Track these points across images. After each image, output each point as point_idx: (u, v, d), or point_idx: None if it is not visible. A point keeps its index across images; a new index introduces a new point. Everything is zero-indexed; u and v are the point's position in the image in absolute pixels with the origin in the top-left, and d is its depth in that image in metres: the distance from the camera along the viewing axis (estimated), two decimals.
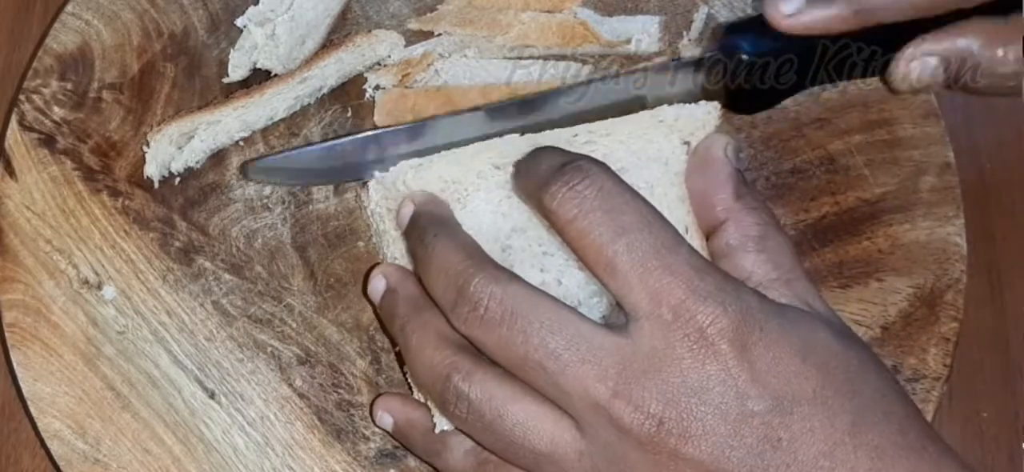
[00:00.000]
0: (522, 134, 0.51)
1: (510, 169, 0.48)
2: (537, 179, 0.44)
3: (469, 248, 0.45)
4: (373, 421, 0.50)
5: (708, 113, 0.49)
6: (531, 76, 0.57)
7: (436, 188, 0.49)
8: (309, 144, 0.56)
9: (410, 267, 0.49)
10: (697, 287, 0.41)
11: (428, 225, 0.47)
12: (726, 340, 0.41)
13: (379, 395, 0.51)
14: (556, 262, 0.47)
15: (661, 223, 0.43)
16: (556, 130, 0.51)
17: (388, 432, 0.51)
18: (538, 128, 0.51)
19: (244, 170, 0.55)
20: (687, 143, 0.49)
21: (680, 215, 0.48)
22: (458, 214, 0.48)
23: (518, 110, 0.53)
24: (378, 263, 0.51)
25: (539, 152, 0.46)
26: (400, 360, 0.51)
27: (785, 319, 0.42)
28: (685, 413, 0.41)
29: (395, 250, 0.50)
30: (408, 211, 0.49)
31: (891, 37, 0.52)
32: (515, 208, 0.48)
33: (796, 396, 0.41)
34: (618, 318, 0.43)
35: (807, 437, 0.41)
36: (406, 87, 0.57)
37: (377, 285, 0.49)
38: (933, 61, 0.52)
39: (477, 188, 0.49)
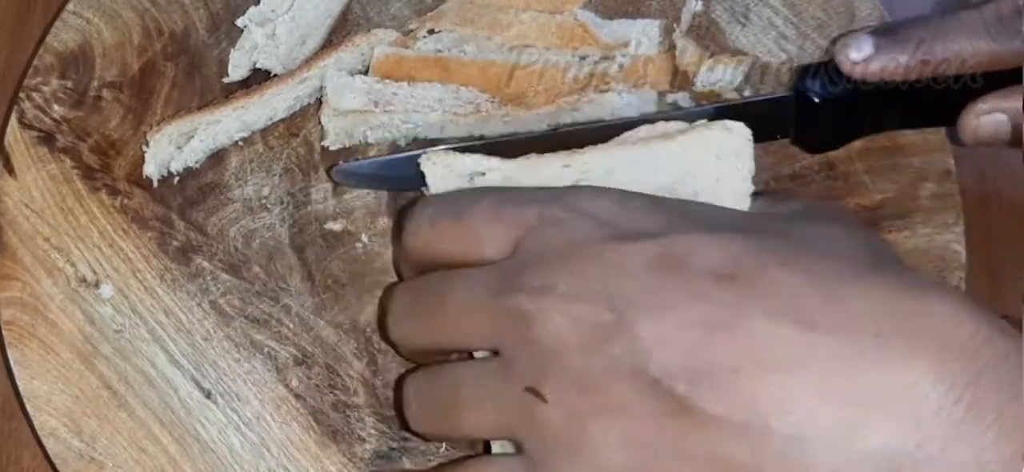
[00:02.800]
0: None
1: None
2: (400, 243, 0.49)
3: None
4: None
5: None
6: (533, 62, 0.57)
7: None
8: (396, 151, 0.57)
9: None
10: (548, 196, 0.44)
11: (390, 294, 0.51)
12: (587, 214, 0.43)
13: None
14: None
15: (503, 189, 0.47)
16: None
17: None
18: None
19: (331, 173, 0.56)
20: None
21: None
22: None
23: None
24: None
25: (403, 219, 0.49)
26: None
27: (651, 195, 0.45)
28: (564, 275, 0.42)
29: None
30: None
31: (961, 90, 0.53)
32: None
33: (675, 229, 0.42)
34: None
35: (698, 255, 0.41)
36: (404, 49, 0.57)
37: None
38: (1002, 117, 0.52)
39: None
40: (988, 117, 0.53)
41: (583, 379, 0.41)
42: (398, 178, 0.54)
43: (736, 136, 0.49)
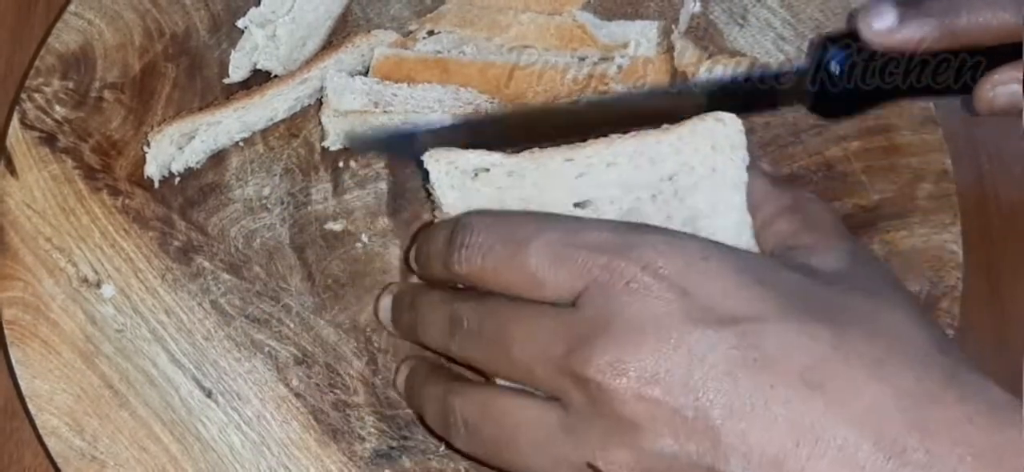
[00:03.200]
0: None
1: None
2: (439, 258, 0.47)
3: (449, 294, 0.47)
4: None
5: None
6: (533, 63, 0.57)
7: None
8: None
9: None
10: (617, 244, 0.42)
11: (407, 297, 0.51)
12: (664, 279, 0.41)
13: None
14: None
15: (557, 218, 0.44)
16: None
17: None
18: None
19: (350, 140, 0.55)
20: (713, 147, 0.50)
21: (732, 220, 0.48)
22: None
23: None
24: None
25: (427, 237, 0.49)
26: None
27: (730, 252, 0.42)
28: (642, 355, 0.40)
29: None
30: (386, 304, 0.52)
31: (977, 59, 0.52)
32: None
33: (759, 315, 0.40)
34: None
35: (785, 352, 0.39)
36: (404, 50, 0.57)
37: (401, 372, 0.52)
38: (1017, 88, 0.51)
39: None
40: (1004, 88, 0.52)
41: (652, 464, 0.40)
42: (412, 146, 0.53)
43: (730, 126, 0.49)
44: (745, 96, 0.51)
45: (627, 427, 0.40)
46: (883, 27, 0.51)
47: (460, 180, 0.50)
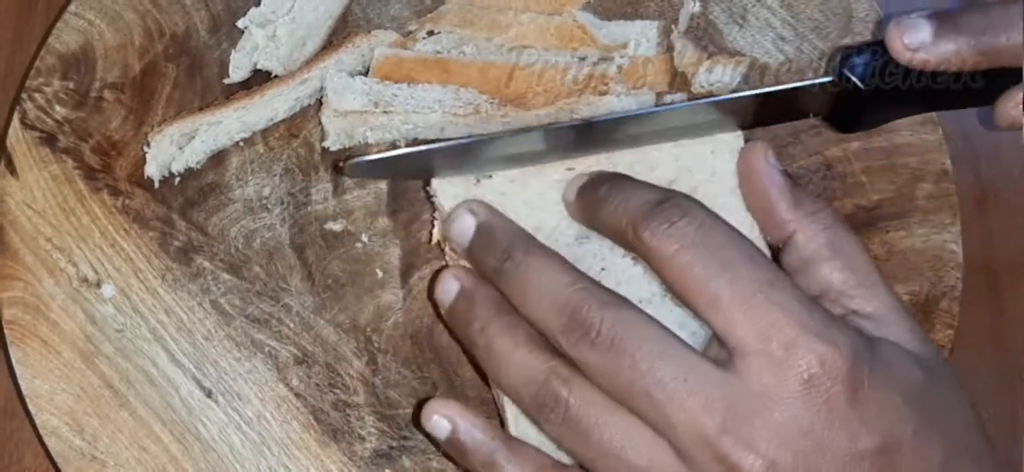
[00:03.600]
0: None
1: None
2: (629, 214, 0.43)
3: (569, 267, 0.44)
4: (421, 426, 0.48)
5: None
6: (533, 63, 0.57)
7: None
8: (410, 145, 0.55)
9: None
10: (808, 325, 0.40)
11: (515, 241, 0.46)
12: (840, 381, 0.40)
13: (430, 399, 0.48)
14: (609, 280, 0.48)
15: (763, 259, 0.42)
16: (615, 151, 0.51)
17: (435, 441, 0.48)
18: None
19: (343, 169, 0.52)
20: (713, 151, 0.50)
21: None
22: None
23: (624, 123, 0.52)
24: (446, 266, 0.51)
25: (625, 185, 0.45)
26: (474, 365, 0.52)
27: (886, 356, 0.42)
28: (798, 455, 0.40)
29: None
30: (468, 223, 0.48)
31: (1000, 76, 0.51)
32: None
33: (899, 437, 0.40)
34: (718, 352, 0.42)
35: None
36: (404, 50, 0.57)
37: (449, 287, 0.48)
38: None
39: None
40: None
41: None
42: (409, 169, 0.52)
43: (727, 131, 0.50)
44: (758, 110, 0.50)
45: None
46: (916, 42, 0.49)
47: (462, 185, 0.50)
